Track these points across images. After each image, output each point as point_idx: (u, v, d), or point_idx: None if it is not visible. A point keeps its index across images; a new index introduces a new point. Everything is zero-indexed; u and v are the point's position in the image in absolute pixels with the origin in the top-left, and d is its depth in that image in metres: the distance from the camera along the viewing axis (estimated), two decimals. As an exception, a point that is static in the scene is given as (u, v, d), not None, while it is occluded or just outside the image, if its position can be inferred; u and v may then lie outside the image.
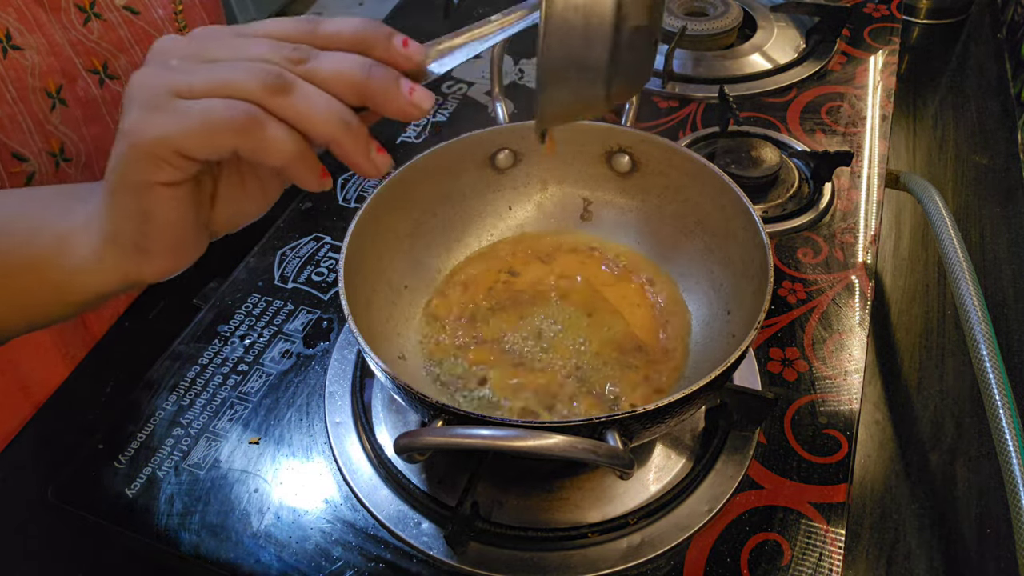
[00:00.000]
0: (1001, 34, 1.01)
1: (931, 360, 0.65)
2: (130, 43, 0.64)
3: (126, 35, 0.64)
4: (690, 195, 0.56)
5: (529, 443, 0.36)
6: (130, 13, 0.64)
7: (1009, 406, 0.50)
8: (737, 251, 0.52)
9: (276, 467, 0.53)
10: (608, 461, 0.38)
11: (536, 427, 0.39)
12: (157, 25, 0.66)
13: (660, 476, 0.51)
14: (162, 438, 0.55)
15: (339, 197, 0.75)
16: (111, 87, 0.64)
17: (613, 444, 0.38)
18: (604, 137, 0.58)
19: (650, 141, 0.57)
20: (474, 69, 0.90)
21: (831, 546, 0.48)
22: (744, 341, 0.42)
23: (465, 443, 0.38)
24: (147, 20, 0.65)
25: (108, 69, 0.63)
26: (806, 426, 0.54)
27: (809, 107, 0.81)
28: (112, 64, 0.63)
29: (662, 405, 0.40)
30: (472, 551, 0.48)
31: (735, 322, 0.51)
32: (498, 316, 0.57)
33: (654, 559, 0.48)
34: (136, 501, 0.52)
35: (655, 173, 0.58)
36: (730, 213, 0.52)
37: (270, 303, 0.64)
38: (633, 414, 0.39)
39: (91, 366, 0.64)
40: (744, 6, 0.94)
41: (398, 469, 0.52)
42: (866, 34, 0.91)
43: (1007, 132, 0.87)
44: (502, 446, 0.37)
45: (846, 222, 0.69)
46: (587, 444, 0.37)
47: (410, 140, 0.81)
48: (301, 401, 0.57)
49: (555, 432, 0.37)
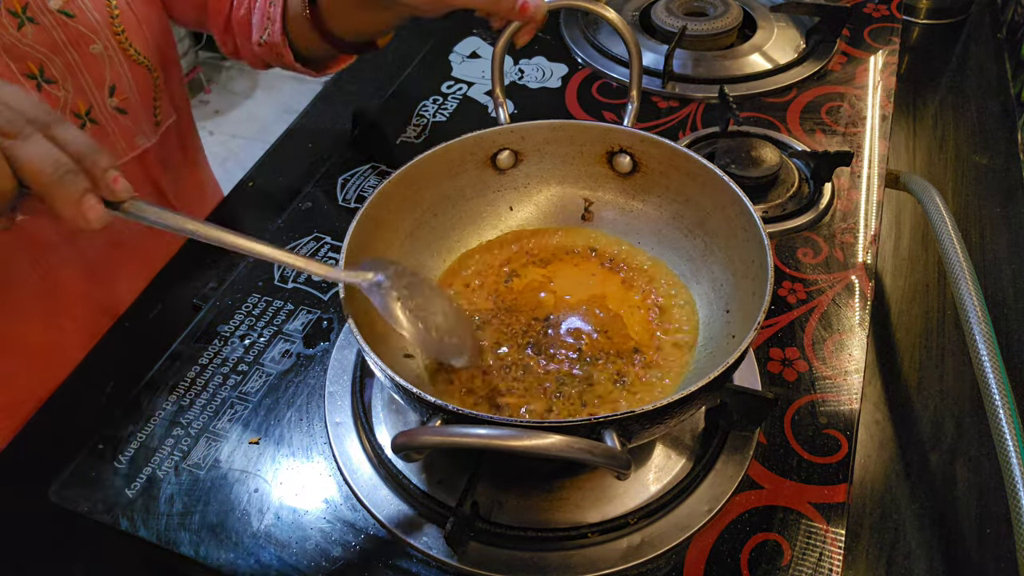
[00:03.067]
0: (1001, 34, 1.01)
1: (931, 360, 0.65)
2: (65, 45, 0.64)
3: (60, 38, 0.64)
4: (691, 195, 0.56)
5: (526, 443, 0.36)
6: (65, 16, 0.64)
7: (1009, 406, 0.50)
8: (737, 252, 0.52)
9: (276, 467, 0.53)
10: (605, 461, 0.37)
11: (533, 427, 0.39)
12: (93, 27, 0.66)
13: (660, 476, 0.51)
14: (162, 438, 0.55)
15: (339, 197, 0.75)
16: (49, 91, 0.64)
17: (611, 444, 0.38)
18: (605, 137, 0.58)
19: (651, 141, 0.57)
20: (474, 69, 0.90)
21: (831, 546, 0.48)
22: (744, 342, 0.42)
23: (462, 442, 0.38)
24: (83, 23, 0.65)
25: (45, 73, 0.64)
26: (806, 426, 0.54)
27: (809, 107, 0.81)
28: (48, 68, 0.63)
29: (660, 406, 0.40)
30: (472, 551, 0.48)
31: (735, 322, 0.51)
32: (498, 317, 0.57)
33: (654, 559, 0.48)
34: (136, 501, 0.52)
35: (656, 173, 0.58)
36: (731, 213, 0.52)
37: (270, 303, 0.64)
38: (631, 415, 0.39)
39: (91, 366, 0.64)
40: (744, 6, 0.94)
41: (398, 469, 0.52)
42: (866, 34, 0.91)
43: (1007, 132, 0.87)
44: (499, 445, 0.37)
45: (846, 222, 0.69)
46: (584, 444, 0.37)
47: (410, 140, 0.81)
48: (301, 401, 0.57)
49: (552, 432, 0.37)
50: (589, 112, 0.82)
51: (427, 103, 0.85)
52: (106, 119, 0.70)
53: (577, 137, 0.59)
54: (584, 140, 0.59)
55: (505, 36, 0.60)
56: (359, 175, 0.77)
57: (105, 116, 0.69)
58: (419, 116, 0.84)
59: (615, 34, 0.92)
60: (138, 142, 0.74)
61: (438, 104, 0.85)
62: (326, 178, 0.77)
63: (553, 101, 0.84)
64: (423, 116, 0.84)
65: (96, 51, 0.66)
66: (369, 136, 0.82)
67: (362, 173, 0.77)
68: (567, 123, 0.58)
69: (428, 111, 0.84)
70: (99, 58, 0.67)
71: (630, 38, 0.59)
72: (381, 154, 0.79)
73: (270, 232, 0.71)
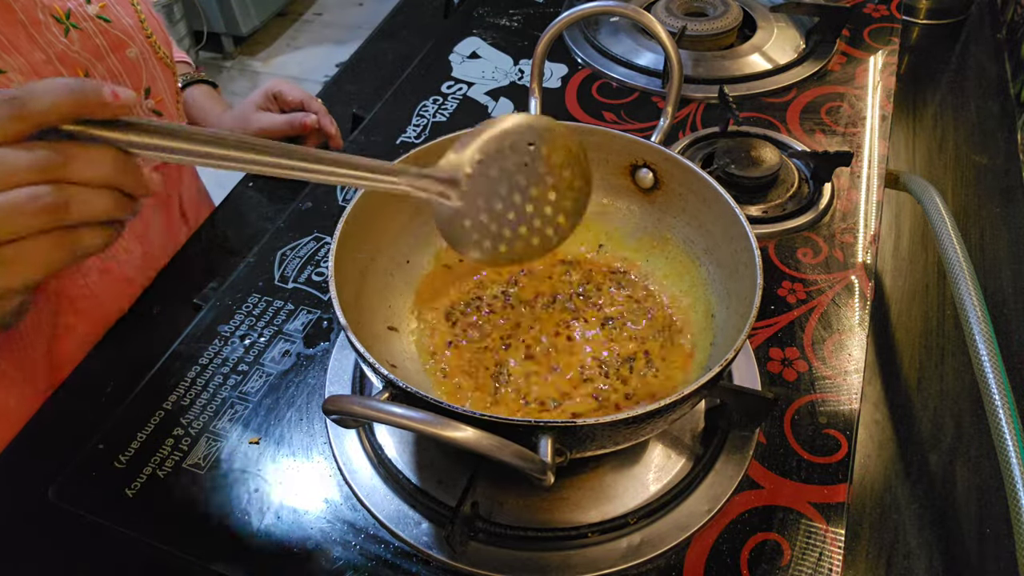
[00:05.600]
0: (1001, 34, 1.01)
1: (931, 360, 0.65)
2: (106, 51, 0.66)
3: (102, 43, 0.65)
4: (704, 222, 0.55)
5: (438, 431, 0.37)
6: (103, 21, 0.65)
7: (1009, 406, 0.50)
8: (735, 286, 0.51)
9: (276, 467, 0.53)
10: (514, 461, 0.37)
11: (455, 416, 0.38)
12: (128, 31, 0.68)
13: (660, 476, 0.51)
14: (162, 438, 0.55)
15: (339, 197, 0.75)
16: None
17: (544, 450, 0.38)
18: (631, 149, 0.58)
19: (674, 161, 0.56)
20: (474, 69, 0.90)
21: (831, 546, 0.48)
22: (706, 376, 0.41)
23: (382, 418, 0.38)
24: (119, 27, 0.67)
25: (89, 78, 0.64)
26: (806, 426, 0.54)
27: (809, 107, 0.81)
28: (92, 74, 0.65)
29: (604, 422, 0.39)
30: (472, 551, 0.48)
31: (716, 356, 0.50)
32: (495, 317, 0.57)
33: (654, 559, 0.48)
34: (136, 501, 0.52)
35: (675, 195, 0.57)
36: (737, 248, 0.51)
37: (270, 303, 0.64)
38: (570, 424, 0.39)
39: (91, 366, 0.64)
40: (744, 6, 0.94)
41: (398, 469, 0.52)
42: (866, 34, 0.91)
43: (1007, 132, 0.87)
44: (415, 428, 0.37)
45: (846, 222, 0.69)
46: (495, 441, 0.37)
47: (410, 140, 0.81)
48: (301, 401, 0.57)
49: (472, 425, 0.37)
50: (589, 112, 0.82)
51: (427, 103, 0.85)
52: None
53: (604, 145, 0.58)
54: (611, 149, 0.58)
55: (552, 29, 0.60)
56: (359, 175, 0.77)
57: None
58: (419, 116, 0.84)
59: (615, 34, 0.92)
60: None
61: (438, 104, 0.85)
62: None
63: (553, 101, 0.84)
64: (423, 116, 0.84)
65: (132, 55, 0.68)
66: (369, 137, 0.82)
67: (362, 173, 0.77)
68: (596, 129, 0.58)
69: (428, 111, 0.84)
70: (135, 62, 0.69)
71: (673, 54, 0.58)
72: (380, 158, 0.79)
73: (270, 232, 0.71)
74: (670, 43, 0.58)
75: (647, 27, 0.58)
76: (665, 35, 0.58)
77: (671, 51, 0.58)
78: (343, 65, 1.04)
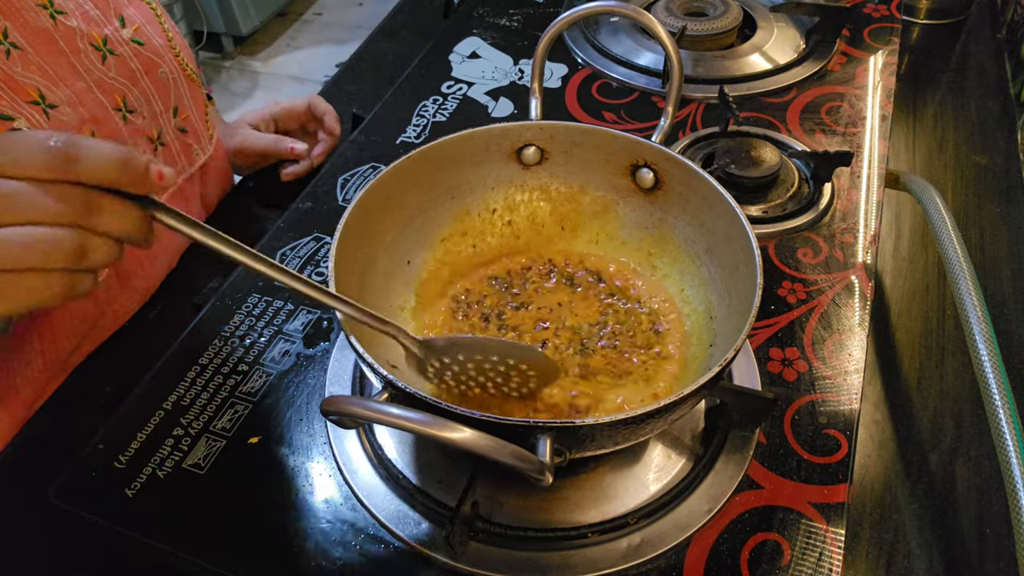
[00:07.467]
0: (1001, 34, 1.01)
1: (931, 360, 0.65)
2: (141, 74, 0.67)
3: (136, 67, 0.66)
4: (705, 221, 0.55)
5: (437, 432, 0.36)
6: (137, 45, 0.66)
7: (1009, 406, 0.50)
8: (736, 286, 0.51)
9: (276, 467, 0.53)
10: (513, 461, 0.37)
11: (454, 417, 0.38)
12: (159, 51, 0.68)
13: (660, 476, 0.51)
14: (162, 438, 0.55)
15: (339, 197, 0.75)
16: (132, 121, 0.66)
17: (543, 450, 0.38)
18: (632, 149, 0.58)
19: (675, 161, 0.56)
20: (474, 69, 0.90)
21: (831, 546, 0.48)
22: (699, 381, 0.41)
23: (380, 419, 0.37)
24: (151, 49, 0.68)
25: (128, 104, 0.65)
26: (806, 426, 0.54)
27: (809, 107, 0.81)
28: (129, 98, 0.65)
29: (604, 422, 0.39)
30: (472, 551, 0.48)
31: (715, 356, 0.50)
32: (494, 320, 0.57)
33: (654, 559, 0.48)
34: (136, 501, 0.52)
35: (676, 194, 0.57)
36: (737, 247, 0.51)
37: (270, 303, 0.64)
38: (569, 425, 0.39)
39: (91, 366, 0.64)
40: (744, 6, 0.94)
41: (398, 469, 0.52)
42: (866, 34, 0.91)
43: (1007, 132, 0.87)
44: (413, 429, 0.37)
45: (846, 222, 0.69)
46: (493, 442, 0.37)
47: (410, 140, 0.81)
48: (301, 401, 0.57)
49: (470, 426, 0.37)
50: (589, 112, 0.82)
51: (427, 103, 0.85)
52: (172, 140, 0.72)
53: (605, 144, 0.58)
54: (611, 149, 0.58)
55: (553, 29, 0.60)
56: (359, 175, 0.77)
57: (171, 137, 0.72)
58: (419, 116, 0.84)
59: (615, 34, 0.92)
60: (196, 157, 0.76)
61: (438, 104, 0.85)
62: (326, 178, 0.77)
63: (553, 101, 0.84)
64: (423, 116, 0.84)
65: (163, 75, 0.69)
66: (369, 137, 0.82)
67: (362, 173, 0.77)
68: (598, 129, 0.58)
69: (428, 111, 0.84)
70: (165, 81, 0.70)
71: (673, 54, 0.58)
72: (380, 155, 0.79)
73: (270, 232, 0.71)
74: (670, 43, 0.58)
75: (647, 27, 0.58)
76: (665, 35, 0.58)
77: (671, 51, 0.58)
78: (343, 65, 1.04)
